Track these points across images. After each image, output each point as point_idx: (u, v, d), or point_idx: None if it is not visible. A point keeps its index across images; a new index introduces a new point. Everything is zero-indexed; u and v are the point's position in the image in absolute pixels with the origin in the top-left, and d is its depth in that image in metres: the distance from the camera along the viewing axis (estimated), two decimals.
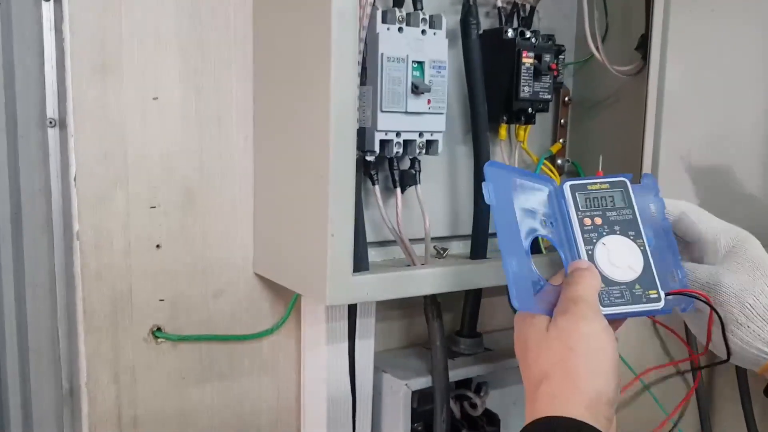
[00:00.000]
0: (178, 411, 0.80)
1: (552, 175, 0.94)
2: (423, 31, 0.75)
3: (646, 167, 0.86)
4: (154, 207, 0.75)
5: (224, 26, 0.76)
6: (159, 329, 0.77)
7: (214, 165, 0.78)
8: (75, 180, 0.71)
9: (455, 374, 0.85)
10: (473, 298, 0.92)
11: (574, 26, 0.98)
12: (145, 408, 0.78)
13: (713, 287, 0.61)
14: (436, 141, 0.79)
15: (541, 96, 0.86)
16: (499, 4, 0.85)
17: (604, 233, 0.62)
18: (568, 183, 0.64)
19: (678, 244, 0.64)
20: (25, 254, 0.75)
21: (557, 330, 0.55)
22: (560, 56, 0.88)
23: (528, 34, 0.85)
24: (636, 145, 0.88)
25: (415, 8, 0.76)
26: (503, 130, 0.89)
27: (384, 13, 0.73)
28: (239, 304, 0.82)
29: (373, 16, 0.72)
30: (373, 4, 0.70)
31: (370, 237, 0.78)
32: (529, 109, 0.86)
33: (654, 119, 0.85)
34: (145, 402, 0.78)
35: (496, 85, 0.85)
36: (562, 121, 0.98)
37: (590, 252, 0.61)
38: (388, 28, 0.73)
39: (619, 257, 0.61)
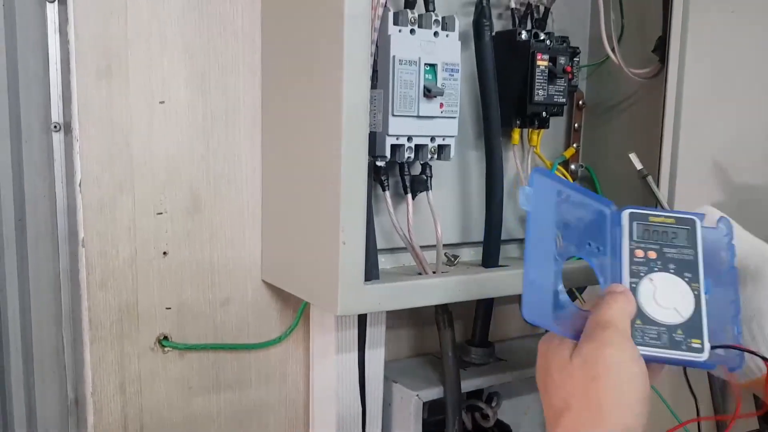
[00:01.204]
0: (185, 421, 0.78)
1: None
2: (435, 33, 0.74)
3: (664, 173, 0.84)
4: (161, 213, 0.74)
5: (232, 28, 0.75)
6: (166, 338, 0.76)
7: (222, 170, 0.76)
8: (80, 185, 0.69)
9: (467, 385, 0.83)
10: (485, 306, 0.91)
11: (588, 28, 0.97)
12: (151, 418, 0.76)
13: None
14: (448, 146, 0.78)
15: (555, 99, 0.84)
16: (513, 5, 0.84)
17: (656, 269, 0.57)
18: (628, 210, 0.59)
19: None
20: (29, 261, 0.73)
21: (581, 357, 0.50)
22: (575, 59, 0.86)
23: (542, 36, 0.83)
24: (653, 149, 0.86)
25: (427, 10, 0.74)
26: (516, 135, 0.87)
27: (396, 15, 0.72)
28: (247, 312, 0.80)
29: (384, 18, 0.70)
30: (385, 6, 0.69)
31: (379, 244, 0.77)
32: (544, 113, 0.84)
33: (673, 123, 0.83)
34: (151, 412, 0.76)
35: (509, 88, 0.83)
36: (576, 125, 0.96)
37: (634, 286, 0.57)
38: (399, 30, 0.71)
39: (666, 297, 0.56)
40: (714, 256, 0.59)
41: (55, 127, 0.72)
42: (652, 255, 0.58)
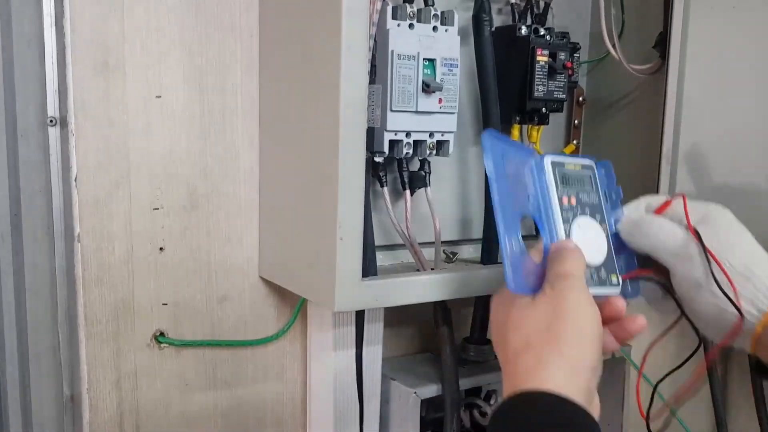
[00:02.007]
0: (182, 418, 0.78)
1: None
2: (434, 28, 0.73)
3: (665, 169, 0.84)
4: (157, 209, 0.73)
5: (230, 22, 0.74)
6: (162, 334, 0.75)
7: (219, 166, 0.76)
8: (76, 181, 0.69)
9: (465, 382, 0.82)
10: (483, 303, 0.90)
11: (588, 24, 0.96)
12: (147, 415, 0.76)
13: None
14: (447, 142, 0.77)
15: (555, 95, 0.83)
16: (512, 0, 0.83)
17: (579, 214, 0.61)
18: (549, 159, 0.61)
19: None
20: (25, 257, 0.73)
21: (545, 299, 0.53)
22: (575, 54, 0.86)
23: (542, 32, 0.82)
24: (652, 145, 0.86)
25: (426, 4, 0.74)
26: (516, 131, 0.86)
27: (394, 9, 0.71)
28: (244, 309, 0.79)
29: (383, 12, 0.70)
30: (383, 0, 0.68)
31: (377, 240, 0.76)
32: (543, 109, 0.84)
33: (673, 120, 0.83)
34: (147, 409, 0.76)
35: (508, 84, 0.82)
36: (576, 121, 0.96)
37: (567, 231, 0.60)
38: (398, 25, 0.71)
39: (590, 240, 0.60)
40: (607, 196, 0.64)
41: (51, 121, 0.71)
42: (573, 201, 0.61)
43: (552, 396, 0.47)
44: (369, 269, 0.69)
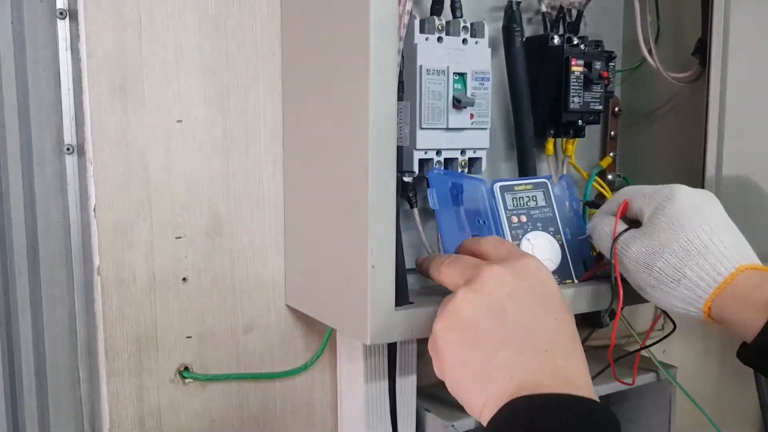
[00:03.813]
0: None
1: (604, 191, 0.88)
2: (464, 40, 0.70)
3: (709, 180, 0.79)
4: (179, 237, 0.70)
5: (251, 41, 0.71)
6: (186, 369, 0.72)
7: (242, 191, 0.72)
8: (95, 210, 0.66)
9: None
10: None
11: (621, 32, 0.92)
12: None
13: (622, 256, 0.63)
14: (480, 159, 0.74)
15: (592, 107, 0.79)
16: (543, 9, 0.80)
17: (529, 229, 0.70)
18: (498, 184, 0.71)
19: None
20: (42, 291, 0.70)
21: (510, 269, 0.51)
22: (611, 63, 0.82)
23: (576, 41, 0.79)
24: (694, 156, 0.81)
25: (455, 16, 0.71)
26: (550, 145, 0.83)
27: (422, 22, 0.68)
28: (271, 339, 0.76)
29: (410, 26, 0.67)
30: (411, 13, 0.65)
31: (408, 263, 0.72)
32: (579, 121, 0.80)
33: (717, 129, 0.79)
34: None
35: (541, 96, 0.79)
36: (612, 132, 0.92)
37: (517, 246, 0.69)
38: (426, 38, 0.68)
39: (541, 251, 0.69)
40: (564, 208, 0.73)
41: (68, 149, 0.69)
42: (524, 219, 0.71)
43: (549, 397, 0.44)
44: (401, 296, 0.65)
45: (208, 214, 0.71)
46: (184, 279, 0.71)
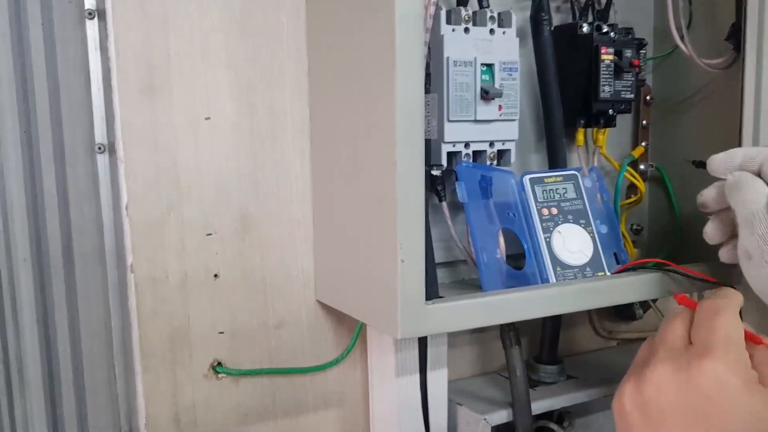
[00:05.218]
0: None
1: (636, 181, 0.86)
2: (491, 31, 0.69)
3: None
4: (210, 234, 0.70)
5: (276, 37, 0.71)
6: (219, 364, 0.72)
7: (271, 187, 0.73)
8: (127, 209, 0.67)
9: (537, 406, 0.77)
10: (552, 320, 0.85)
11: (651, 18, 0.90)
12: None
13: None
14: (509, 150, 0.73)
15: (623, 96, 0.78)
16: None
17: (560, 222, 0.70)
18: (528, 177, 0.70)
19: None
20: (78, 290, 0.71)
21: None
22: (642, 51, 0.80)
23: (605, 29, 0.77)
24: (729, 145, 0.79)
25: (481, 6, 0.70)
26: (580, 135, 0.81)
27: (448, 13, 0.67)
28: (302, 334, 0.76)
29: (436, 17, 0.66)
30: (437, 4, 0.65)
31: (436, 257, 0.72)
32: (610, 111, 0.78)
33: (752, 117, 0.76)
34: None
35: (571, 85, 0.78)
36: (644, 122, 0.90)
37: (548, 239, 0.69)
38: (453, 30, 0.67)
39: (573, 244, 0.69)
40: (594, 201, 0.73)
41: (99, 148, 0.70)
42: (554, 211, 0.70)
43: None
44: (431, 290, 0.65)
45: (238, 210, 0.71)
46: (215, 275, 0.71)
